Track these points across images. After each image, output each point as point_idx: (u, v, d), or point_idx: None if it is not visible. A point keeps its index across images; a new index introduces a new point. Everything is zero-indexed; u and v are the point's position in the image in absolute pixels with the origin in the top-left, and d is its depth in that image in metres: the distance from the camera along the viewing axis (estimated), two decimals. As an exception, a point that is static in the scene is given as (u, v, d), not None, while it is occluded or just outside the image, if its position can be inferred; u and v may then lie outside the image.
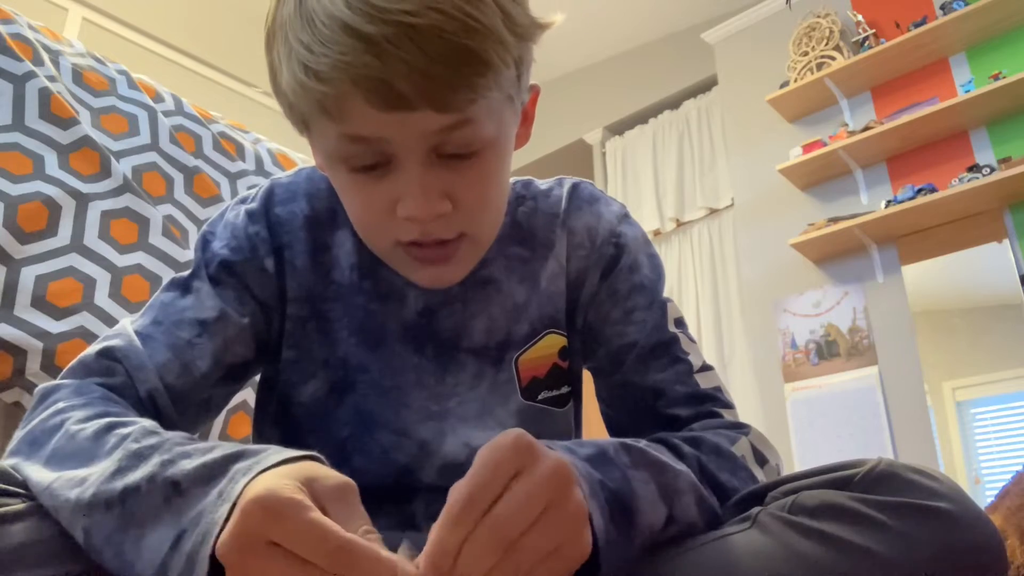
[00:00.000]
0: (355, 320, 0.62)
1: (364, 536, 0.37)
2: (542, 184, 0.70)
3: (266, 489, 0.36)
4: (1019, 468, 1.16)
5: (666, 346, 0.63)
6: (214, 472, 0.41)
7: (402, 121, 0.48)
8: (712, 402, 0.62)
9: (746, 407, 3.03)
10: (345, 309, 0.63)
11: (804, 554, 0.44)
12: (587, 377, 0.69)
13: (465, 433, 0.61)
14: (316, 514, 0.36)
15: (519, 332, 0.64)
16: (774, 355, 2.86)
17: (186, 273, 0.62)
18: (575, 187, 0.69)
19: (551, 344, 0.65)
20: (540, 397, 0.64)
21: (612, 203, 0.70)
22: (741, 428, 0.60)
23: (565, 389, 0.66)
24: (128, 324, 0.59)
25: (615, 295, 0.65)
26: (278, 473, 0.38)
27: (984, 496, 2.34)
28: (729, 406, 0.63)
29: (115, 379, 0.55)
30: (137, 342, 0.57)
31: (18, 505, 0.43)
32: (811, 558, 0.44)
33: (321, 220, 0.64)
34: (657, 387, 0.62)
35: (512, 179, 0.68)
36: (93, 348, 0.57)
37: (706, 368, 0.64)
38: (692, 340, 0.65)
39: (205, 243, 0.63)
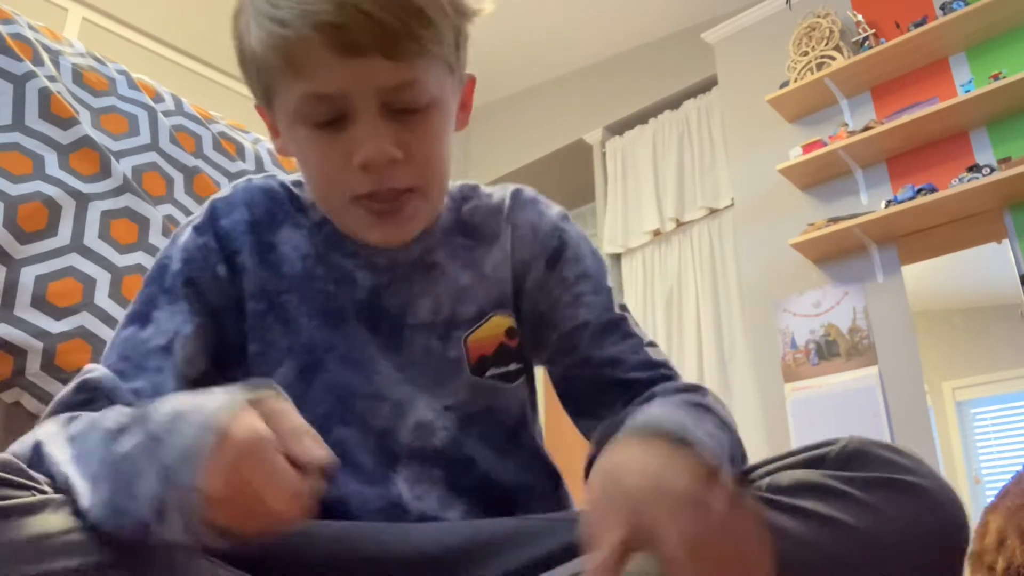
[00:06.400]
0: (315, 304, 0.66)
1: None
2: (486, 188, 0.76)
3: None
4: (1019, 468, 1.16)
5: (616, 324, 0.69)
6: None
7: (357, 69, 0.55)
8: (664, 367, 0.67)
9: (746, 407, 3.02)
10: (302, 297, 0.66)
11: (782, 528, 0.47)
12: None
13: (427, 400, 0.65)
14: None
15: (465, 312, 0.68)
16: (774, 355, 2.85)
17: (140, 304, 0.65)
18: (518, 190, 0.75)
19: (498, 324, 0.69)
20: (489, 374, 0.68)
21: (552, 205, 0.76)
22: (700, 390, 0.63)
23: (513, 366, 0.70)
24: (100, 366, 0.61)
25: (563, 282, 0.70)
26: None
27: (984, 496, 2.34)
28: (678, 374, 0.68)
29: (96, 405, 0.57)
30: (111, 373, 0.59)
31: (31, 498, 0.43)
32: (788, 531, 0.47)
33: (261, 222, 0.68)
34: (614, 357, 0.67)
35: (459, 182, 0.75)
36: (68, 386, 0.60)
37: (653, 344, 0.70)
38: (636, 323, 0.71)
39: (161, 268, 0.66)
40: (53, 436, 0.51)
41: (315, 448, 0.45)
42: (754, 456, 0.57)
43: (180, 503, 0.41)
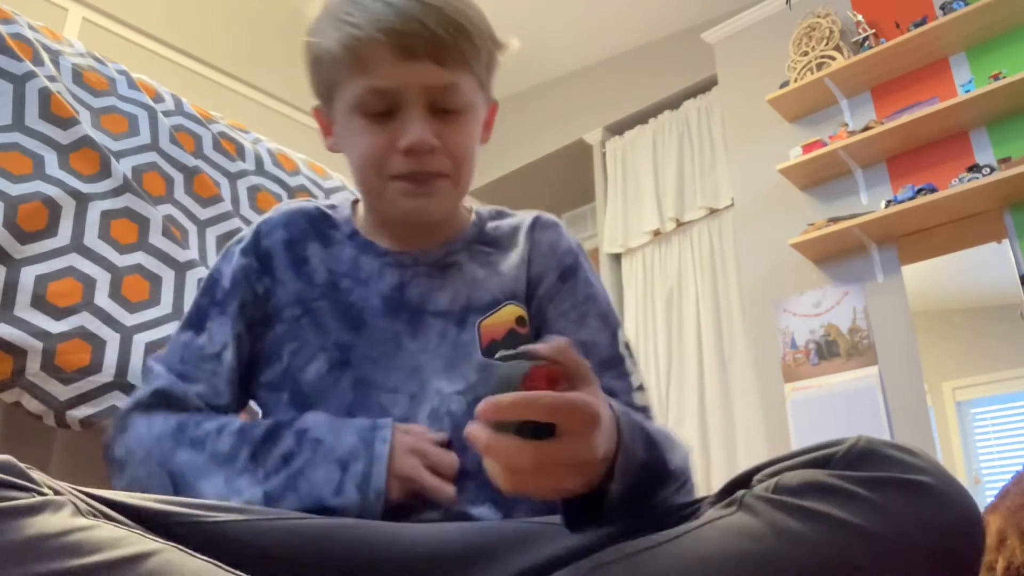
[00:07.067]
0: (340, 310, 0.75)
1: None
2: (513, 212, 0.87)
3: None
4: (1019, 468, 1.16)
5: (615, 361, 0.75)
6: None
7: (411, 70, 0.68)
8: (644, 413, 0.72)
9: (746, 407, 3.02)
10: (330, 304, 0.76)
11: (790, 530, 0.47)
12: None
13: (437, 383, 0.72)
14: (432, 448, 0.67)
15: (480, 300, 0.76)
16: (774, 355, 2.85)
17: (195, 312, 0.77)
18: (541, 214, 0.85)
19: (510, 313, 0.76)
20: (497, 356, 0.71)
21: (571, 235, 0.85)
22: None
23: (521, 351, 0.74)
24: (162, 368, 0.74)
25: (573, 295, 0.78)
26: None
27: (984, 496, 2.34)
28: (655, 419, 0.74)
29: (167, 408, 0.72)
30: (175, 378, 0.73)
31: (30, 499, 0.44)
32: (797, 534, 0.46)
33: (296, 240, 0.79)
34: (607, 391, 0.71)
35: (489, 206, 0.86)
36: (144, 390, 0.74)
37: (643, 388, 0.76)
38: (635, 363, 0.77)
39: (213, 282, 0.78)
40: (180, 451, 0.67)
41: (451, 460, 0.66)
42: (753, 457, 0.57)
43: (357, 483, 0.61)
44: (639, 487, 0.55)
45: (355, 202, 0.84)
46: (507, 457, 0.47)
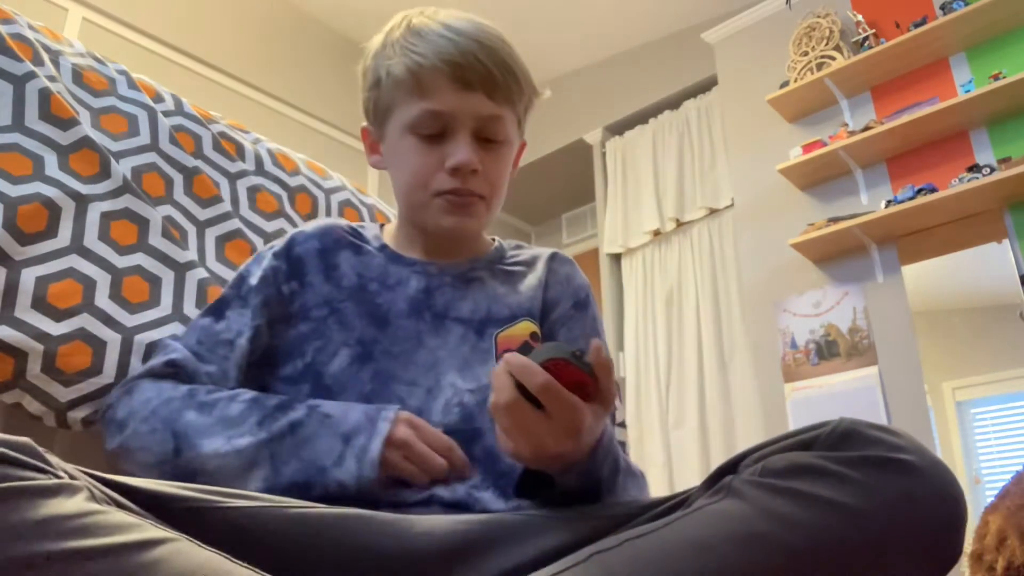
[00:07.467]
0: (366, 309, 0.81)
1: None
2: (529, 245, 0.95)
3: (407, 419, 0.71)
4: (1019, 468, 1.16)
5: None
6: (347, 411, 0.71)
7: (465, 99, 0.77)
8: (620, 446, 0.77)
9: (746, 407, 3.02)
10: (356, 304, 0.82)
11: (778, 512, 0.48)
12: None
13: (452, 378, 0.78)
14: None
15: (499, 313, 0.84)
16: (774, 355, 2.86)
17: (218, 302, 0.84)
18: (558, 251, 0.94)
19: (525, 327, 0.83)
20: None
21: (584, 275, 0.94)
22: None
23: None
24: (179, 344, 0.80)
25: (583, 325, 0.87)
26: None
27: (984, 496, 2.34)
28: (627, 454, 0.80)
29: (178, 378, 0.77)
30: (190, 354, 0.79)
31: (47, 481, 0.44)
32: (785, 515, 0.48)
33: (329, 249, 0.86)
34: None
35: (507, 240, 0.96)
36: (158, 359, 0.79)
37: (623, 424, 0.85)
38: (622, 399, 0.86)
39: (241, 279, 0.85)
40: (190, 412, 0.72)
41: (445, 440, 0.70)
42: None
43: (356, 454, 0.66)
44: (587, 495, 0.65)
45: (381, 225, 0.93)
46: (497, 383, 0.57)
